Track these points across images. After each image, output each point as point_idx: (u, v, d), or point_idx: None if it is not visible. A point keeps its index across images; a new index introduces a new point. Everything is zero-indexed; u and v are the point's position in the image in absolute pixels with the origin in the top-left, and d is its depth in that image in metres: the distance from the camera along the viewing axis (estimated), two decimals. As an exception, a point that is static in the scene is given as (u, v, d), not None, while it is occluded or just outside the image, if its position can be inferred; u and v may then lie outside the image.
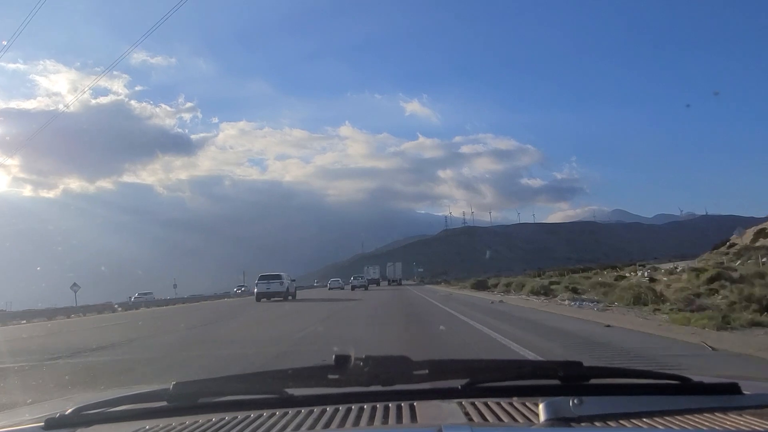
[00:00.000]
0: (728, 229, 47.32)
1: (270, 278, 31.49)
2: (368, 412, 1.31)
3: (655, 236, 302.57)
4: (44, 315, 27.41)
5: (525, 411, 1.24)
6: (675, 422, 1.16)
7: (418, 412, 1.28)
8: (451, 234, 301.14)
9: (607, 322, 11.67)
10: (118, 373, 7.57)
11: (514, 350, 8.16)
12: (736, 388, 1.33)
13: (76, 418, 1.33)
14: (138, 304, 39.29)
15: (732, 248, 34.60)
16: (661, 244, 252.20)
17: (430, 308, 20.48)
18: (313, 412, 1.32)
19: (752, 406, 1.26)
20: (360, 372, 1.32)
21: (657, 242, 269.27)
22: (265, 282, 31.33)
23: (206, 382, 1.50)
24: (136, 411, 1.39)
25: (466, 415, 1.24)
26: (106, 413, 1.37)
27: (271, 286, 31.05)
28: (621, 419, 1.18)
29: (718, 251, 36.73)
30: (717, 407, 1.25)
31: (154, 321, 20.41)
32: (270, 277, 31.57)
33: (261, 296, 30.94)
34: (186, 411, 1.38)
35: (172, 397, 1.37)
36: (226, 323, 17.57)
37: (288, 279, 32.43)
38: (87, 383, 6.64)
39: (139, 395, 1.44)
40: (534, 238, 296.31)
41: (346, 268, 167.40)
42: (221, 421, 1.31)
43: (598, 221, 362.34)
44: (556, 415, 1.13)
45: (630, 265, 39.66)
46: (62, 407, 1.39)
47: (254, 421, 1.29)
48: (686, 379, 1.38)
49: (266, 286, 31.10)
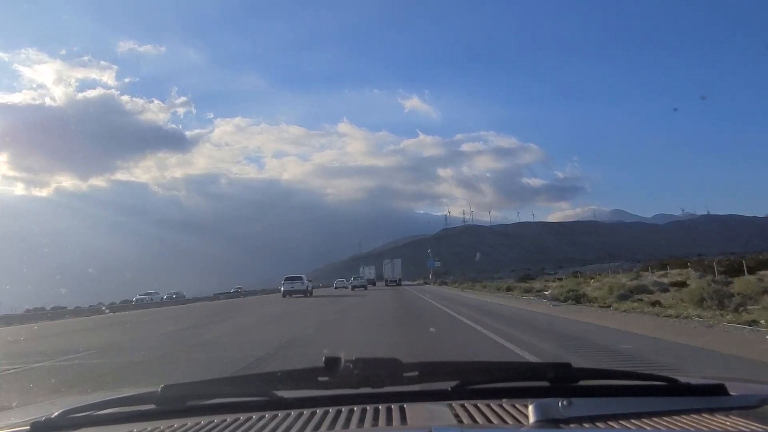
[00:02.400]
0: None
1: (293, 279, 38.94)
2: (358, 414, 1.31)
3: (657, 236, 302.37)
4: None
5: (514, 412, 1.25)
6: (663, 423, 1.17)
7: (408, 414, 1.28)
8: (450, 233, 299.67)
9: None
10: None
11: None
12: (722, 389, 1.34)
13: (62, 422, 1.32)
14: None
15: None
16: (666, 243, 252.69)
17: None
18: (302, 415, 1.32)
19: (738, 406, 1.28)
20: (350, 374, 1.32)
21: (661, 242, 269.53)
22: (290, 282, 38.52)
23: (194, 385, 1.50)
24: (124, 414, 1.38)
25: (455, 416, 1.24)
26: (93, 416, 1.36)
27: (294, 286, 38.14)
28: (609, 420, 1.18)
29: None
30: (704, 408, 1.26)
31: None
32: (293, 279, 39.03)
33: (286, 293, 37.56)
34: (174, 414, 1.38)
35: (160, 399, 1.37)
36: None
37: (307, 280, 40.33)
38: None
39: (127, 398, 1.43)
40: (536, 237, 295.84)
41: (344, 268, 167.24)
42: (210, 423, 1.31)
43: (600, 221, 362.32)
44: (546, 417, 1.13)
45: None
46: (48, 410, 1.39)
47: (243, 424, 1.29)
48: (674, 381, 1.39)
49: (291, 285, 38.22)
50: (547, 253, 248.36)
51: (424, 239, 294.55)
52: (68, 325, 21.88)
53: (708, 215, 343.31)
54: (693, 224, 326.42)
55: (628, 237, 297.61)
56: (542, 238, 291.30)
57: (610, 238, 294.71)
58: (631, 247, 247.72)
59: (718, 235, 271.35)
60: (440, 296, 29.10)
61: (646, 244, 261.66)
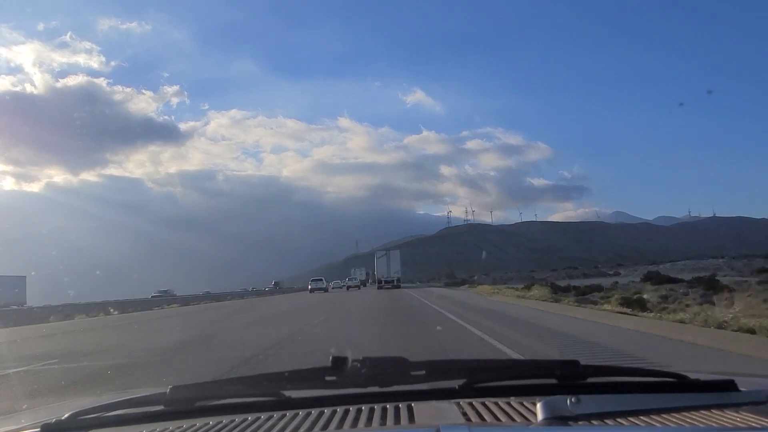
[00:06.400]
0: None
1: (317, 280, 59.51)
2: (366, 413, 1.31)
3: (664, 237, 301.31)
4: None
5: (522, 410, 1.25)
6: (672, 420, 1.17)
7: (416, 412, 1.28)
8: (453, 232, 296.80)
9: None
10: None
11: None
12: (732, 384, 1.33)
13: (72, 423, 1.33)
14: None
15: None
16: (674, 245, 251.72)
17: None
18: (310, 414, 1.32)
19: (749, 402, 1.27)
20: (357, 373, 1.32)
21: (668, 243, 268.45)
22: (315, 282, 58.01)
23: (203, 386, 1.51)
24: (133, 415, 1.39)
25: (463, 415, 1.24)
26: (102, 418, 1.37)
27: (317, 284, 56.68)
28: (618, 417, 1.18)
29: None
30: (714, 404, 1.26)
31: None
32: (317, 280, 59.89)
33: (312, 290, 53.98)
34: (183, 415, 1.38)
35: (169, 401, 1.37)
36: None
37: (325, 281, 62.22)
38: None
39: (136, 399, 1.43)
40: (542, 237, 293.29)
41: (341, 268, 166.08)
42: (219, 424, 1.31)
43: (604, 222, 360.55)
44: (554, 414, 1.13)
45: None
46: (59, 412, 1.40)
47: (252, 424, 1.29)
48: (683, 377, 1.38)
49: (316, 284, 56.85)
50: (553, 253, 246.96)
51: (426, 238, 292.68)
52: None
53: (714, 217, 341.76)
54: (699, 226, 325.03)
55: (635, 238, 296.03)
56: (548, 238, 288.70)
57: (616, 239, 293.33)
58: (642, 249, 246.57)
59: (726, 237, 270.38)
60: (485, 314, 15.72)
61: (655, 245, 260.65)
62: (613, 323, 11.72)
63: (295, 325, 14.76)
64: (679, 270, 58.79)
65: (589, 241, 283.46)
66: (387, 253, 53.24)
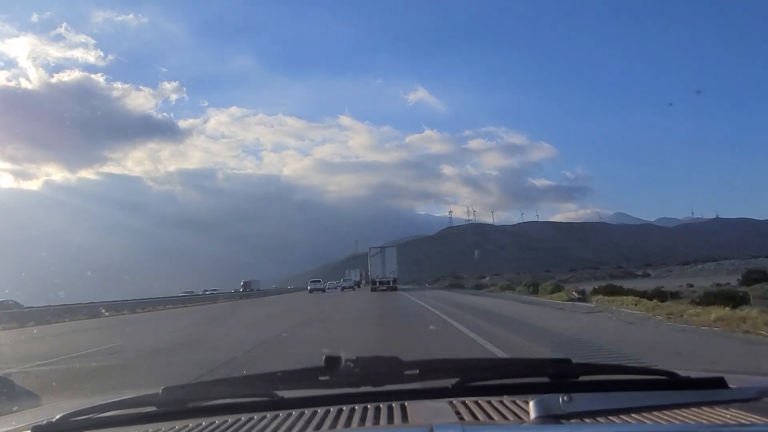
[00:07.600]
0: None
1: (316, 281, 64.98)
2: (359, 413, 1.31)
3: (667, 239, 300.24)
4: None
5: (515, 409, 1.25)
6: (663, 417, 1.18)
7: (409, 412, 1.28)
8: (454, 232, 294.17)
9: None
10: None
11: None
12: (722, 382, 1.34)
13: (63, 425, 1.32)
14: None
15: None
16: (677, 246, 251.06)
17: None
18: (303, 414, 1.32)
19: (738, 399, 1.28)
20: (350, 373, 1.32)
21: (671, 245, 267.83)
22: (314, 283, 63.23)
23: (195, 386, 1.51)
24: (125, 417, 1.38)
25: (457, 414, 1.24)
26: (94, 419, 1.36)
27: (316, 285, 61.59)
28: (610, 415, 1.19)
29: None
30: (704, 401, 1.27)
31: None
32: (315, 281, 65.32)
33: (312, 291, 58.10)
34: (175, 416, 1.38)
35: (161, 402, 1.37)
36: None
37: (324, 282, 67.00)
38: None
39: (128, 401, 1.43)
40: (544, 237, 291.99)
41: (340, 268, 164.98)
42: (211, 425, 1.31)
43: (606, 222, 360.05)
44: (546, 413, 1.13)
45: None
46: (50, 414, 1.39)
47: (245, 425, 1.29)
48: (674, 375, 1.39)
49: (314, 285, 61.57)
50: (555, 253, 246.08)
51: (426, 238, 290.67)
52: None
53: (717, 218, 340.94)
54: (702, 227, 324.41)
55: (637, 239, 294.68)
56: (551, 238, 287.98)
57: (619, 240, 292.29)
58: (646, 250, 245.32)
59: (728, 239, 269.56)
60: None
61: (658, 247, 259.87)
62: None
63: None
64: (729, 272, 47.08)
65: (592, 243, 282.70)
66: (382, 251, 47.66)
